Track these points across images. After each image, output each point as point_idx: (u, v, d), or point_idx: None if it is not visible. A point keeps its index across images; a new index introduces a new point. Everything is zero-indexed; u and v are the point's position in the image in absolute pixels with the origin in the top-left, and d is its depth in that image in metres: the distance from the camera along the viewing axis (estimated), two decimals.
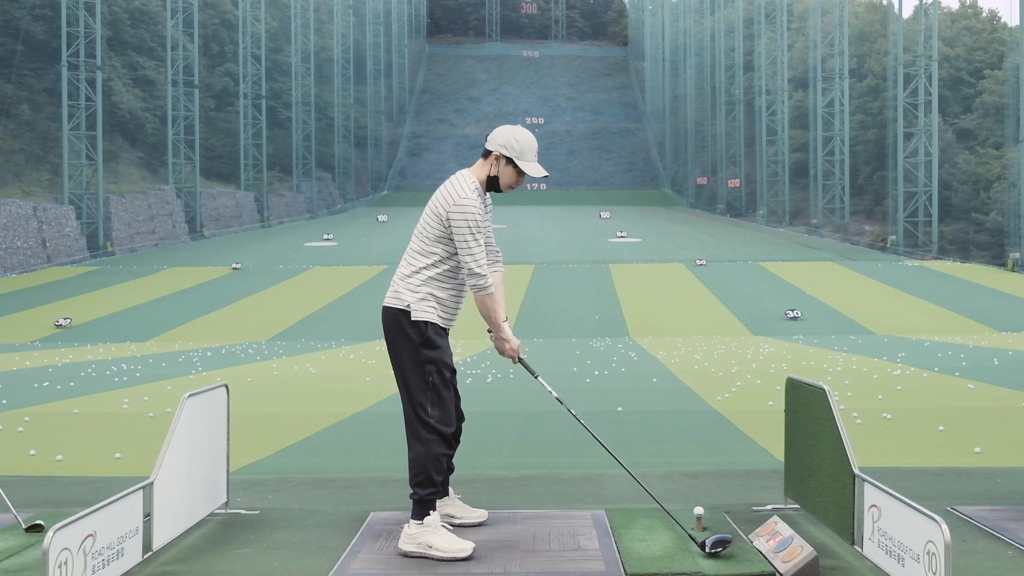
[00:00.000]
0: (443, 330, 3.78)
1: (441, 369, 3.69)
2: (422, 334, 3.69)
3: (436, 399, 3.66)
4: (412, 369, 3.68)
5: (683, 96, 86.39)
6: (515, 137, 3.82)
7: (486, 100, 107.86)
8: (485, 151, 3.87)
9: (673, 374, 13.60)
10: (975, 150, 55.92)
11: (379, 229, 55.92)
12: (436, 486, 3.63)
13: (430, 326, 3.71)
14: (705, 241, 49.85)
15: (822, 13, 62.19)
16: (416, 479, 3.62)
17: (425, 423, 3.64)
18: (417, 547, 3.55)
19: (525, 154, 3.82)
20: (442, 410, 3.67)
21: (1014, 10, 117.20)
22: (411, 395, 3.67)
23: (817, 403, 3.88)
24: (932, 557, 2.78)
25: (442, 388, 3.68)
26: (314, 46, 73.69)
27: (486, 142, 3.87)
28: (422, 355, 3.68)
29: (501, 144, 3.82)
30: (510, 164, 3.83)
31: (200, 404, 4.00)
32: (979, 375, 12.60)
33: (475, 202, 3.69)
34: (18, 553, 3.55)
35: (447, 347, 3.77)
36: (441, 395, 3.67)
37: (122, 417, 9.23)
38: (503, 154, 3.81)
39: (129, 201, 51.26)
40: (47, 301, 31.92)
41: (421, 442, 3.63)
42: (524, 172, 3.84)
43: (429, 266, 3.75)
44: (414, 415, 3.66)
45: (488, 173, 3.84)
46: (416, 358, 3.68)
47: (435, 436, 3.62)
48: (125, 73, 57.05)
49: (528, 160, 3.83)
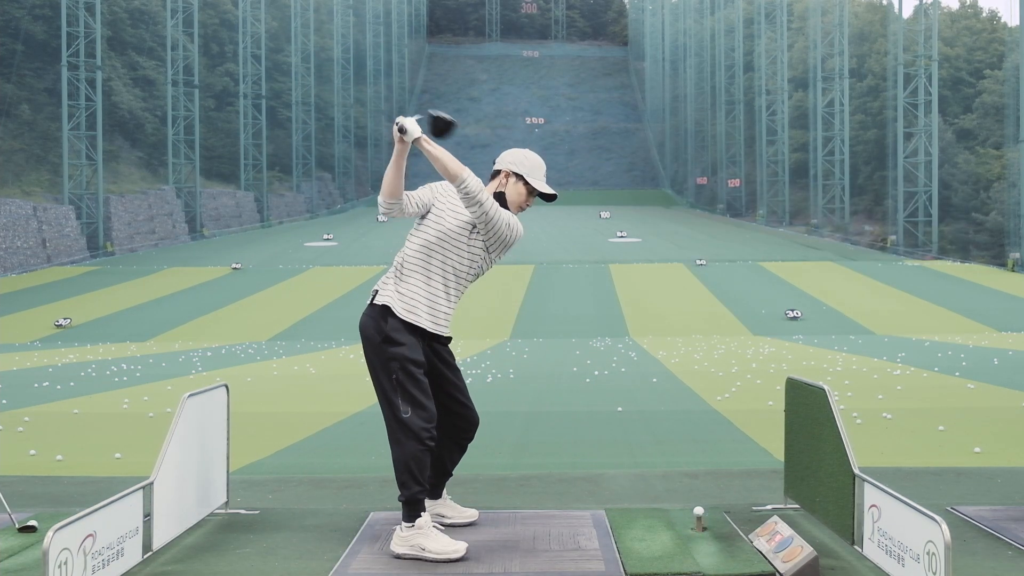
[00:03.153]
0: (408, 325, 3.68)
1: (405, 365, 3.61)
2: (381, 330, 3.64)
3: (407, 396, 3.61)
4: (379, 368, 3.65)
5: (683, 96, 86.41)
6: (525, 156, 3.87)
7: (486, 100, 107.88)
8: (493, 172, 3.91)
9: (673, 374, 13.60)
10: (975, 150, 55.96)
11: (379, 229, 55.92)
12: (421, 484, 3.59)
13: (390, 320, 3.65)
14: (705, 241, 49.86)
15: (822, 13, 62.20)
16: (399, 479, 3.60)
17: (400, 423, 3.60)
18: (410, 549, 3.54)
19: (534, 172, 3.86)
20: (416, 407, 3.60)
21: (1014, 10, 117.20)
22: (384, 395, 3.65)
23: (817, 403, 3.88)
24: (932, 557, 2.78)
25: (410, 384, 3.61)
26: (314, 46, 73.69)
27: (494, 164, 3.91)
28: (386, 352, 3.63)
29: (510, 162, 3.85)
30: (520, 181, 3.84)
31: (200, 404, 4.00)
32: (979, 375, 12.60)
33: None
34: (18, 553, 3.55)
35: (413, 342, 3.67)
36: (411, 393, 3.61)
37: (122, 417, 9.23)
38: (512, 171, 3.84)
39: (129, 201, 51.27)
40: (47, 301, 31.93)
41: (398, 443, 3.60)
42: (533, 190, 3.85)
43: (412, 265, 3.74)
44: (390, 416, 3.64)
45: (495, 190, 3.86)
46: (381, 356, 3.65)
47: (410, 435, 3.58)
48: (125, 73, 57.07)
49: (537, 178, 3.86)
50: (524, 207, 3.90)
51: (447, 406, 3.84)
